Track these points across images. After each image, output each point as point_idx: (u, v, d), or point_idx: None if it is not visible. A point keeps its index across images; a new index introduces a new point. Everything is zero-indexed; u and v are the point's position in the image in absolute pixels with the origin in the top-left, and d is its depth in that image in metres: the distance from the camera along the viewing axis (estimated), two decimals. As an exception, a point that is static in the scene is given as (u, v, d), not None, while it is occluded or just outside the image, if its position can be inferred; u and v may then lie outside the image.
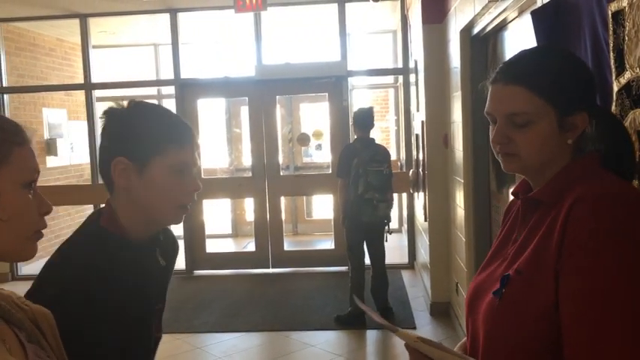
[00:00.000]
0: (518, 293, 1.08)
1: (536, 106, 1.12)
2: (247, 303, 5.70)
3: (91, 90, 6.88)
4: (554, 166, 1.16)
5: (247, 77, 6.86)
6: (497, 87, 1.17)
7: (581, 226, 1.01)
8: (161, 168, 1.26)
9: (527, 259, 1.09)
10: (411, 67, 6.31)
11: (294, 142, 8.57)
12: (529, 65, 1.17)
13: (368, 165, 4.79)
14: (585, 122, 1.14)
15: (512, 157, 1.16)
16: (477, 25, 3.71)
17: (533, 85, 1.12)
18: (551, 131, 1.13)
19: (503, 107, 1.15)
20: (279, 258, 6.82)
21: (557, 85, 1.13)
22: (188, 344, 4.66)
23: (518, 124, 1.13)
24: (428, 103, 5.07)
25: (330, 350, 4.47)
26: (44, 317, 1.00)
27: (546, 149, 1.14)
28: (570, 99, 1.13)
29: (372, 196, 4.78)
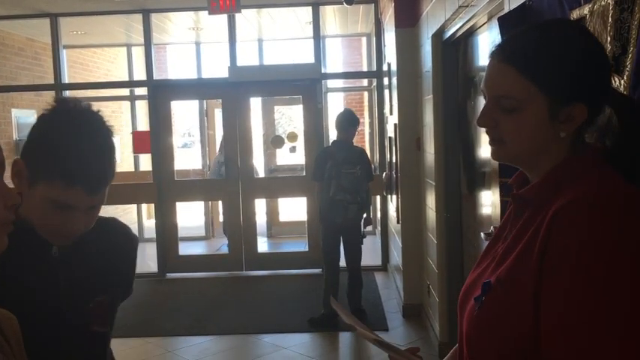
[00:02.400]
0: (496, 304, 0.99)
1: (525, 90, 0.98)
2: (220, 306, 5.67)
3: (61, 90, 6.77)
4: (549, 160, 1.02)
5: (221, 79, 6.83)
6: (492, 63, 1.04)
7: (567, 237, 0.90)
8: (43, 195, 1.20)
9: (509, 268, 1.00)
10: (384, 71, 6.35)
11: (268, 145, 8.56)
12: (525, 43, 1.02)
13: (341, 167, 4.81)
14: (583, 115, 0.99)
15: (500, 145, 1.04)
16: (448, 30, 3.75)
17: (524, 67, 0.99)
18: (539, 121, 0.99)
19: (491, 87, 1.03)
20: (252, 260, 6.80)
21: (551, 68, 0.98)
22: (160, 348, 4.62)
23: (506, 108, 1.01)
24: (401, 106, 5.11)
25: (302, 353, 4.47)
26: (8, 322, 0.98)
27: (534, 140, 1.01)
28: (566, 86, 0.98)
29: (342, 197, 4.80)
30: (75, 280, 1.32)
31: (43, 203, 1.20)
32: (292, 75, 6.69)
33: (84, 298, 1.33)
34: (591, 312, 0.85)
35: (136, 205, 8.91)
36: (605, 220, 0.88)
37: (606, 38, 1.41)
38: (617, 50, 1.36)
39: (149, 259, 7.07)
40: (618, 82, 1.35)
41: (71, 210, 1.22)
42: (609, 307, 0.85)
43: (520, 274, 0.96)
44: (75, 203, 1.22)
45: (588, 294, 0.86)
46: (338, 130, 5.01)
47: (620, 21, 1.34)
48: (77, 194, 1.20)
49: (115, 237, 1.46)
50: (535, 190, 1.03)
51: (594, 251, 0.87)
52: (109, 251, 1.41)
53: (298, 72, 6.72)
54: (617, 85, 1.35)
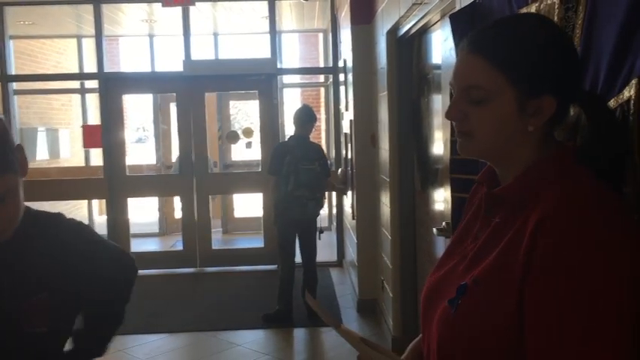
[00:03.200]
0: (474, 306, 0.96)
1: (494, 81, 0.97)
2: (173, 303, 5.58)
3: (7, 82, 6.54)
4: (519, 155, 1.01)
5: (175, 72, 6.72)
6: (462, 55, 1.03)
7: (554, 245, 0.88)
8: None
9: (488, 269, 0.96)
10: (340, 67, 6.37)
11: (223, 140, 8.48)
12: (495, 35, 1.01)
13: (299, 163, 4.78)
14: (552, 108, 0.98)
15: (467, 138, 1.02)
16: (402, 27, 3.78)
17: (493, 57, 0.98)
18: (508, 113, 0.98)
19: (461, 79, 1.01)
20: (207, 257, 6.73)
21: (520, 59, 0.97)
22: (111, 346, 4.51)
23: (474, 100, 0.99)
24: (356, 103, 5.13)
25: (256, 349, 4.45)
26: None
27: (502, 133, 0.99)
28: (534, 78, 0.97)
29: (301, 193, 4.78)
30: (6, 278, 1.26)
31: None
32: (248, 70, 6.64)
33: (16, 297, 1.28)
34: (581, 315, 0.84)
35: (87, 201, 8.69)
36: (590, 228, 0.87)
37: (552, 37, 1.43)
38: (562, 49, 1.39)
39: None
40: (563, 80, 1.38)
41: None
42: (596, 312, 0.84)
43: (501, 276, 0.94)
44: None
45: (577, 298, 0.85)
46: (296, 126, 5.00)
47: (565, 20, 1.37)
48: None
49: (60, 233, 1.41)
50: (511, 190, 1.01)
51: (583, 257, 0.86)
52: (53, 248, 1.36)
53: (254, 67, 6.66)
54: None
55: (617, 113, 1.10)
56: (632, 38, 1.09)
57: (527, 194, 0.97)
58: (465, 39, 1.04)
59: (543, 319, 0.87)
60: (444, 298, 1.03)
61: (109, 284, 1.54)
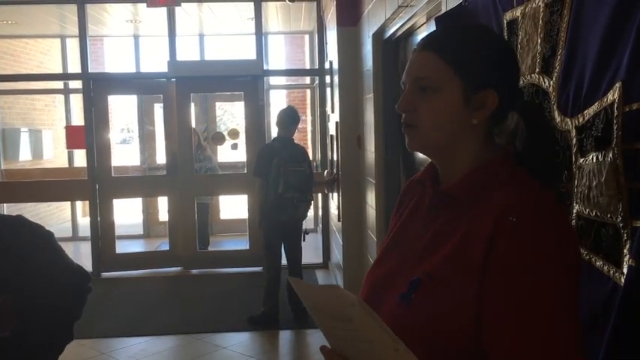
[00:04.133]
0: (430, 299, 0.99)
1: (443, 73, 1.04)
2: (158, 305, 5.54)
3: (-11, 82, 6.46)
4: (462, 151, 1.07)
5: (161, 73, 6.67)
6: (414, 54, 1.10)
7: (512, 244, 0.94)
8: None
9: (443, 264, 1.00)
10: (326, 69, 6.37)
11: (209, 141, 8.43)
12: (445, 35, 1.14)
13: (288, 164, 4.74)
14: (494, 103, 1.05)
15: (414, 130, 1.07)
16: (388, 29, 3.79)
17: (442, 51, 1.05)
18: (454, 104, 1.04)
19: (412, 72, 1.08)
20: (192, 258, 6.69)
21: (467, 54, 1.05)
22: (94, 350, 4.46)
23: (424, 90, 1.05)
24: (342, 105, 5.13)
25: (242, 352, 4.43)
26: None
27: (448, 124, 1.05)
28: (479, 72, 1.05)
29: (291, 195, 4.74)
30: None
31: None
32: (234, 71, 6.61)
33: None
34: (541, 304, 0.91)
35: (70, 203, 8.60)
36: (550, 222, 0.96)
37: (537, 40, 1.44)
38: (546, 52, 1.40)
39: (84, 258, 6.84)
40: (547, 83, 1.39)
41: None
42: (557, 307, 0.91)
43: (457, 271, 0.97)
44: None
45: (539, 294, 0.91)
46: (279, 127, 4.96)
47: (550, 23, 1.38)
48: None
49: (16, 235, 1.37)
50: (461, 188, 1.06)
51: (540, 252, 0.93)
52: (10, 250, 1.31)
53: (240, 68, 6.64)
54: (546, 86, 1.39)
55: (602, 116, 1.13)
56: (617, 42, 1.10)
57: (477, 193, 1.03)
58: (418, 42, 1.12)
59: (506, 316, 0.91)
60: (390, 293, 1.05)
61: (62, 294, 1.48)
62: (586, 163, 1.22)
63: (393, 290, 1.05)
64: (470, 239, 0.98)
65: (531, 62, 1.48)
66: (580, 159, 1.24)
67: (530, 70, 1.48)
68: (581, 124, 1.24)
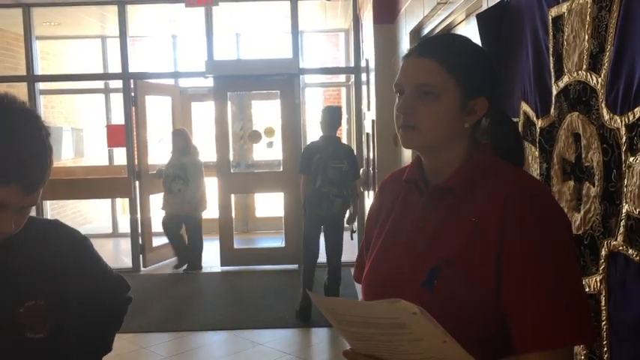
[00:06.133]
0: (453, 283, 1.08)
1: (445, 80, 1.13)
2: (195, 301, 5.62)
3: (33, 82, 6.64)
4: (451, 149, 1.18)
5: (198, 73, 6.76)
6: (410, 60, 1.18)
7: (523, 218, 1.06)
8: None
9: (460, 248, 1.09)
10: (362, 66, 6.35)
11: (245, 140, 8.51)
12: (443, 43, 1.22)
13: (328, 161, 4.82)
14: (484, 109, 1.17)
15: (412, 131, 1.15)
16: (426, 27, 3.76)
17: (445, 61, 1.14)
18: (452, 110, 1.14)
19: (413, 77, 1.15)
20: (228, 256, 6.76)
21: (466, 65, 1.15)
22: (134, 344, 4.55)
23: (425, 96, 1.13)
24: (378, 102, 5.11)
25: (279, 349, 4.46)
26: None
27: (446, 127, 1.15)
28: (476, 82, 1.16)
29: (328, 190, 4.82)
30: (3, 282, 1.25)
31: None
32: (270, 70, 6.65)
33: (11, 303, 1.26)
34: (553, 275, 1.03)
35: (111, 200, 8.79)
36: (548, 202, 1.11)
37: (584, 36, 1.41)
38: (594, 48, 1.37)
39: (124, 254, 7.00)
40: (595, 80, 1.36)
41: (3, 209, 1.15)
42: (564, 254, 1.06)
43: (476, 251, 1.08)
44: (8, 202, 1.15)
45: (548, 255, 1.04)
46: (323, 126, 5.00)
47: (598, 19, 1.35)
48: (12, 192, 1.14)
49: (54, 239, 1.38)
50: (457, 181, 1.16)
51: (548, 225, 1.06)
52: (47, 254, 1.33)
53: (276, 67, 6.68)
54: (594, 83, 1.36)
55: None
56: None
57: (471, 183, 1.15)
58: (412, 49, 1.21)
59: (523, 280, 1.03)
60: (407, 285, 1.12)
61: (97, 300, 1.47)
62: (636, 162, 1.19)
63: (408, 282, 1.13)
64: (482, 222, 1.09)
65: (578, 59, 1.45)
66: (630, 158, 1.22)
67: (577, 67, 1.45)
68: (631, 122, 1.21)
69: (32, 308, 1.27)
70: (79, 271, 1.39)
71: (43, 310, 1.28)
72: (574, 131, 1.48)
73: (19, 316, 1.25)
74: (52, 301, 1.30)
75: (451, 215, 1.14)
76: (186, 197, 6.40)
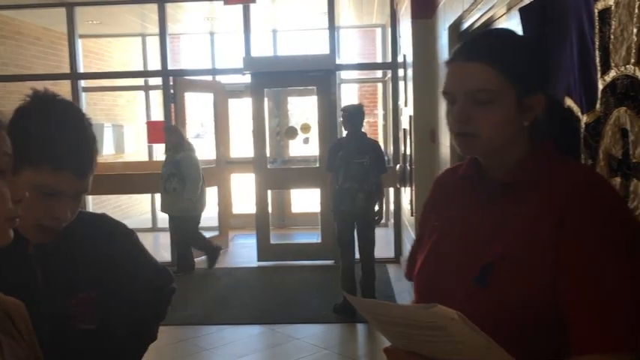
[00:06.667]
0: (507, 279, 1.05)
1: (499, 83, 1.09)
2: (233, 295, 5.70)
3: (77, 80, 6.82)
4: (513, 148, 1.14)
5: (235, 69, 6.83)
6: (457, 65, 1.13)
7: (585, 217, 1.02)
8: (29, 182, 1.17)
9: (516, 245, 1.06)
10: (399, 62, 6.32)
11: (281, 136, 8.56)
12: (489, 43, 1.15)
13: (351, 156, 4.86)
14: (542, 104, 1.13)
15: (472, 139, 1.12)
16: (465, 21, 3.72)
17: (495, 62, 1.09)
18: (510, 111, 1.10)
19: (464, 84, 1.10)
20: (265, 251, 6.82)
21: (518, 63, 1.10)
22: (174, 336, 4.64)
23: (481, 102, 1.09)
24: (416, 98, 5.08)
25: (315, 344, 4.48)
26: (16, 308, 0.99)
27: (505, 130, 1.11)
28: (530, 79, 1.11)
29: (350, 186, 4.84)
30: (55, 276, 1.29)
31: (29, 191, 1.15)
32: (307, 66, 6.68)
33: (65, 295, 1.30)
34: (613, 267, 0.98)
35: (150, 195, 8.95)
36: (610, 196, 1.07)
37: (632, 30, 1.38)
38: (643, 42, 1.34)
39: (163, 249, 7.12)
40: (644, 74, 1.33)
41: (58, 196, 1.21)
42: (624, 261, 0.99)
43: (532, 249, 1.04)
44: (63, 188, 1.21)
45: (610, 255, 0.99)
46: (349, 125, 5.01)
47: (647, 12, 1.32)
48: (66, 178, 1.20)
49: (103, 232, 1.43)
50: (517, 176, 1.12)
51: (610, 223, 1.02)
52: (96, 247, 1.38)
53: (313, 63, 6.70)
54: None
55: None
56: None
57: (531, 178, 1.11)
58: (453, 53, 1.15)
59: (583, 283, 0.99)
60: (460, 281, 1.10)
61: (143, 291, 1.51)
62: (687, 158, 1.16)
63: (460, 278, 1.11)
64: (540, 219, 1.05)
65: (626, 53, 1.42)
66: (681, 154, 1.19)
67: (624, 62, 1.42)
68: (682, 117, 1.18)
69: (84, 300, 1.31)
70: (127, 262, 1.44)
71: (94, 301, 1.32)
72: (621, 127, 1.45)
73: (72, 308, 1.30)
74: (101, 293, 1.34)
75: (508, 212, 1.11)
76: (183, 195, 6.03)
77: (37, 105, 1.25)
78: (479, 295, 1.06)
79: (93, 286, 1.33)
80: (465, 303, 1.07)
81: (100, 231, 1.42)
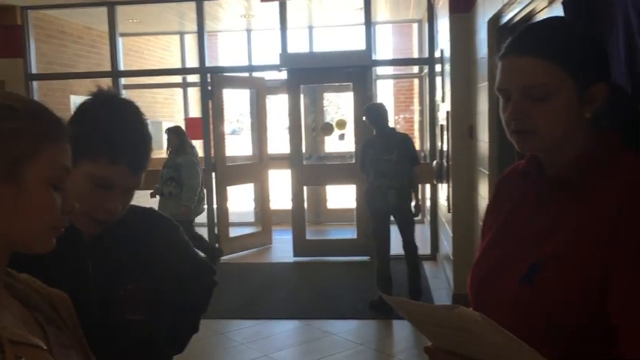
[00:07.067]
0: (554, 279, 1.02)
1: (555, 76, 1.03)
2: (269, 290, 5.74)
3: (117, 77, 6.96)
4: (573, 142, 1.08)
5: (272, 66, 6.87)
6: (510, 60, 1.08)
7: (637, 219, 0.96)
8: (85, 173, 1.21)
9: (566, 245, 1.03)
10: (436, 57, 6.26)
11: (317, 132, 8.57)
12: (542, 34, 1.08)
13: (379, 154, 4.88)
14: (603, 93, 1.06)
15: (529, 136, 1.07)
16: (505, 15, 3.66)
17: (549, 54, 1.03)
18: (571, 104, 1.04)
19: (518, 80, 1.05)
20: (301, 246, 6.85)
21: (574, 52, 1.04)
22: (211, 330, 4.71)
23: (536, 98, 1.04)
24: (453, 94, 5.03)
25: (351, 339, 4.49)
26: (61, 300, 1.01)
27: (566, 124, 1.06)
28: (589, 68, 1.05)
29: (380, 183, 4.86)
30: (105, 267, 1.32)
31: (84, 181, 1.22)
32: (343, 62, 6.67)
33: (115, 285, 1.33)
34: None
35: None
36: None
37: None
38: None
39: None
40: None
41: (111, 189, 1.25)
42: None
43: (582, 250, 1.00)
44: (117, 182, 1.25)
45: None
46: (374, 124, 5.01)
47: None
48: (121, 172, 1.24)
49: (150, 225, 1.46)
50: (570, 173, 1.07)
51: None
52: (144, 239, 1.41)
53: (349, 59, 6.69)
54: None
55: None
56: None
57: (587, 176, 1.06)
58: (505, 47, 1.10)
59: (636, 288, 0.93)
60: (506, 279, 1.08)
61: (186, 284, 1.54)
62: None
63: (508, 277, 1.08)
64: (592, 218, 1.01)
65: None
66: None
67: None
68: None
69: (133, 290, 1.35)
70: (172, 255, 1.48)
71: (142, 292, 1.36)
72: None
73: (121, 298, 1.34)
74: (148, 284, 1.38)
75: (561, 209, 1.07)
76: (180, 201, 5.81)
77: (99, 101, 1.30)
78: (525, 294, 1.04)
79: (140, 278, 1.37)
80: (509, 301, 1.07)
81: (148, 224, 1.46)
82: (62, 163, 0.90)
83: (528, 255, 1.07)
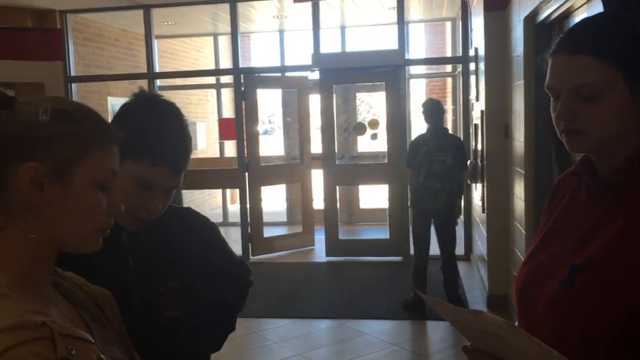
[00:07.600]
0: (595, 283, 1.00)
1: (606, 75, 1.00)
2: (302, 289, 5.77)
3: (153, 79, 7.07)
4: (625, 142, 1.04)
5: (305, 66, 6.89)
6: (559, 58, 1.04)
7: None
8: (127, 173, 1.22)
9: (609, 248, 1.00)
10: (470, 56, 6.19)
11: (349, 132, 8.56)
12: (593, 31, 1.05)
13: (433, 154, 4.81)
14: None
15: (579, 136, 1.04)
16: (542, 12, 3.60)
17: (600, 52, 1.00)
18: (623, 103, 1.01)
19: (567, 79, 1.03)
20: (334, 246, 6.86)
21: (627, 49, 1.00)
22: (244, 328, 4.75)
23: (586, 97, 1.01)
24: (488, 93, 4.97)
25: (385, 339, 4.48)
26: (105, 298, 1.04)
27: (618, 124, 1.02)
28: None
29: (431, 184, 4.78)
30: (145, 265, 1.34)
31: (125, 181, 1.23)
32: (375, 61, 6.65)
33: (155, 283, 1.35)
34: None
35: (221, 190, 9.18)
36: None
37: None
38: None
39: (233, 243, 7.28)
40: None
41: (152, 189, 1.28)
42: None
43: (625, 254, 0.98)
44: (158, 182, 1.27)
45: None
46: (429, 119, 4.97)
47: None
48: (162, 173, 1.27)
49: (188, 225, 1.49)
50: (620, 175, 1.04)
51: None
52: (182, 238, 1.43)
53: (381, 58, 6.67)
54: None
55: None
56: None
57: (636, 178, 1.02)
58: (555, 44, 1.06)
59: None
60: (548, 281, 1.06)
61: (223, 283, 1.57)
62: None
63: (550, 278, 1.06)
64: (637, 223, 0.98)
65: None
66: None
67: None
68: None
69: (172, 288, 1.37)
70: (209, 253, 1.50)
71: (180, 289, 1.39)
72: None
73: (161, 295, 1.36)
74: (187, 282, 1.40)
75: (608, 212, 1.04)
76: None
77: (141, 102, 1.34)
78: (564, 297, 1.02)
79: (179, 276, 1.39)
80: (547, 304, 1.06)
81: (186, 224, 1.48)
82: (109, 165, 0.93)
83: (572, 257, 1.06)
